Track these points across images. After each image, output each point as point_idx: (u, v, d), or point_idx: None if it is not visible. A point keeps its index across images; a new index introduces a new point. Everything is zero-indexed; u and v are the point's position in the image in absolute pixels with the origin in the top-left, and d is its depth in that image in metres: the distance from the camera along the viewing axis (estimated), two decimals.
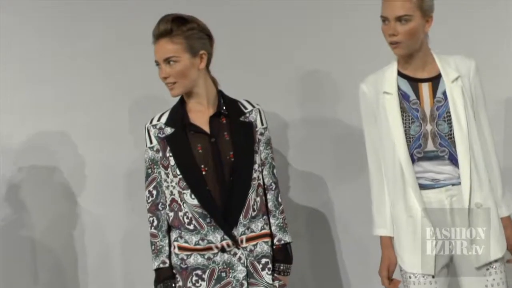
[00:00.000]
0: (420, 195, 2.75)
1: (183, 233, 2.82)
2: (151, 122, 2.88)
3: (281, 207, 2.89)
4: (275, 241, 2.87)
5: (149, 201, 2.87)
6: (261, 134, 2.88)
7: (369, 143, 2.88)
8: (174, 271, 2.83)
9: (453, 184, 2.77)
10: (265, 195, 2.89)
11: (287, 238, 2.88)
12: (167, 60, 2.75)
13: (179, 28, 2.74)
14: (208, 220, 2.77)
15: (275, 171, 2.91)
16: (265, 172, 2.89)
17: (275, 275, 2.84)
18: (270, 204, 2.88)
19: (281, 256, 2.87)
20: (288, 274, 2.87)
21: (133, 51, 3.27)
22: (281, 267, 2.86)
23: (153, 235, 2.85)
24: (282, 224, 2.88)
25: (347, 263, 3.61)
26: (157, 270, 2.85)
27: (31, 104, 3.59)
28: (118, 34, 3.59)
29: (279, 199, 2.90)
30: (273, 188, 2.89)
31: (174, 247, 2.83)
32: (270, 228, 2.87)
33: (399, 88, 2.80)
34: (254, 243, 2.82)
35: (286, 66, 3.59)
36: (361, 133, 2.91)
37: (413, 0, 2.69)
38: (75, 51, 3.60)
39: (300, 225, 3.57)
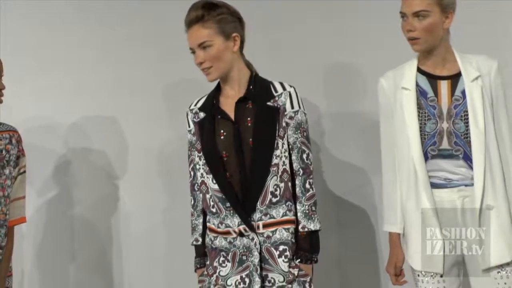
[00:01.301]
0: (431, 194, 2.73)
1: (209, 215, 2.88)
2: (189, 107, 2.94)
3: (308, 194, 2.79)
4: (299, 228, 2.78)
5: (189, 181, 2.94)
6: (290, 118, 2.81)
7: (385, 138, 2.86)
8: (206, 249, 2.90)
9: (466, 185, 2.73)
10: (294, 180, 2.81)
11: (312, 226, 2.77)
12: (201, 45, 2.78)
13: (210, 13, 2.77)
14: (227, 204, 2.79)
15: (304, 156, 2.80)
16: (293, 157, 2.80)
17: (297, 263, 2.77)
18: (297, 190, 2.80)
19: (305, 244, 2.78)
20: (312, 263, 2.79)
21: (174, 38, 3.32)
22: (304, 255, 2.78)
23: (191, 214, 2.95)
24: (307, 211, 2.78)
25: (376, 256, 3.56)
26: (194, 246, 2.94)
27: (83, 88, 3.71)
28: (157, 23, 3.67)
29: (307, 185, 2.79)
30: (301, 174, 2.79)
31: (207, 228, 2.90)
32: (295, 215, 2.80)
33: (417, 85, 2.78)
34: (273, 229, 2.77)
35: (324, 60, 3.59)
36: None
37: None
38: (117, 39, 3.70)
39: (330, 216, 3.53)
